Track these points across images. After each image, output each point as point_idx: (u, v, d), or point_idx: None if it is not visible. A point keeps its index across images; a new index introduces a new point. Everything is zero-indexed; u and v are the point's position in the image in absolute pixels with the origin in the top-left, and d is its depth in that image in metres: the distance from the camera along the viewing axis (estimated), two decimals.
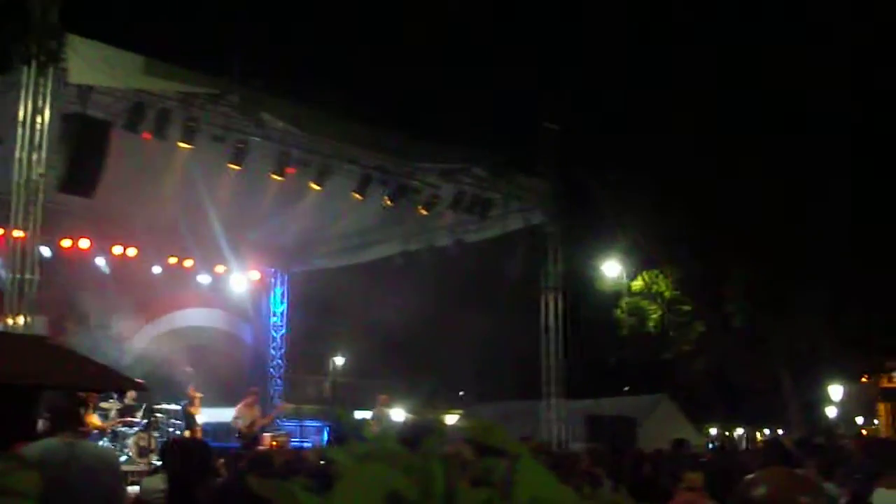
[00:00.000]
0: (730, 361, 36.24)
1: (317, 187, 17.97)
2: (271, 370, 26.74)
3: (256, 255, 25.34)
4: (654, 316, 37.56)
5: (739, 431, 44.15)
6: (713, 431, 42.53)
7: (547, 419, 21.56)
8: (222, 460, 10.63)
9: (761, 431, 42.08)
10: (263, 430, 20.55)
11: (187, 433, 19.50)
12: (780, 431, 37.45)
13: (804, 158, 29.68)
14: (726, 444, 22.97)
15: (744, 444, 28.02)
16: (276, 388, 26.59)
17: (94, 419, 17.26)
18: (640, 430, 25.83)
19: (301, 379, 26.44)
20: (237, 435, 19.89)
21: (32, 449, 6.00)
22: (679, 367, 38.26)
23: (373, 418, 20.91)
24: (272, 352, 27.04)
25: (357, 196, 18.50)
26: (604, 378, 36.85)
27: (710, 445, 32.21)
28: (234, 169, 16.71)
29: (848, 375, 38.25)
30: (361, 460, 1.53)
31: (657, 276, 37.45)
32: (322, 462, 6.99)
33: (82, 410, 7.13)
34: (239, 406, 20.49)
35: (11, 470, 2.50)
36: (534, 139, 21.22)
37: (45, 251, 15.24)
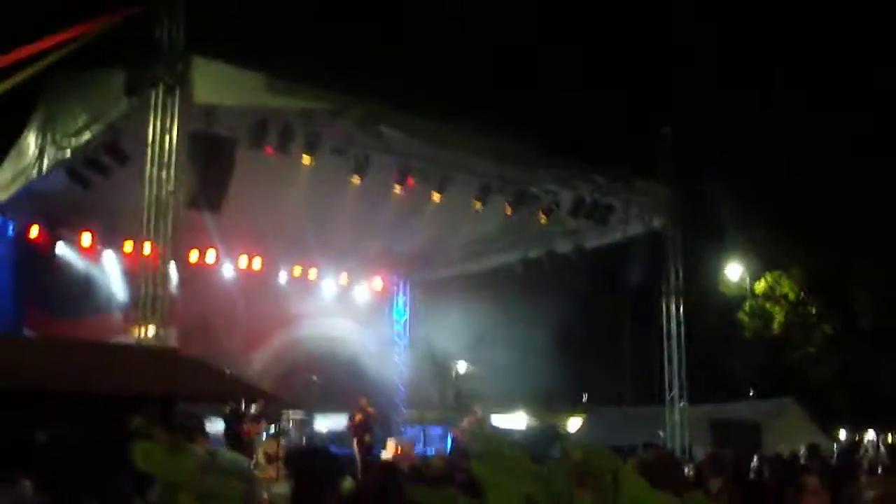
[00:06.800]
0: (857, 363, 35.63)
1: (438, 197, 18.16)
2: (395, 378, 27.08)
3: (379, 265, 25.72)
4: (779, 318, 37.09)
5: (870, 435, 43.26)
6: (842, 435, 41.74)
7: (670, 424, 21.50)
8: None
9: (894, 433, 41.13)
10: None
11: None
12: None
13: None
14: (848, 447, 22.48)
15: (869, 449, 27.41)
16: (400, 395, 26.92)
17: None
18: (766, 434, 25.48)
19: (424, 386, 26.65)
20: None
21: None
22: (805, 370, 37.70)
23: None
24: (395, 359, 27.41)
25: (478, 204, 18.63)
26: (726, 382, 36.51)
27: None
28: (355, 181, 16.96)
29: None
30: (502, 474, 1.87)
31: (780, 278, 36.98)
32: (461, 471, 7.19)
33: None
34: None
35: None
36: (651, 144, 21.19)
37: (173, 265, 15.62)
